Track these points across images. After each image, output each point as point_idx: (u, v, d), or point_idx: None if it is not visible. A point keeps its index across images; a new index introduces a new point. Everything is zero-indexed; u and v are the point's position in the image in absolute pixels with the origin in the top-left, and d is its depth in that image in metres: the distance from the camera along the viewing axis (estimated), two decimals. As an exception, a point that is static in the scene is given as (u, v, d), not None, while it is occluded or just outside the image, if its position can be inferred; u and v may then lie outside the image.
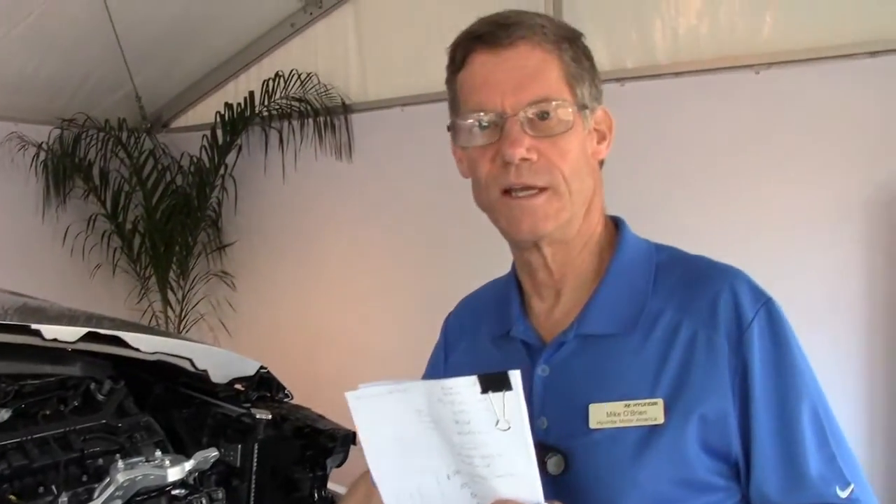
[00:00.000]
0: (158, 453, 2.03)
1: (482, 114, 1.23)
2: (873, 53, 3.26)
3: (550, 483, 1.17)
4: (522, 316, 1.36)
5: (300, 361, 4.59)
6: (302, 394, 2.76)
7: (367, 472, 1.51)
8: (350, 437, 2.36)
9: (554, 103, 1.21)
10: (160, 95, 5.58)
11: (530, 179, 1.21)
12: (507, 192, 1.23)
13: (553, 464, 1.20)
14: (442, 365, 1.52)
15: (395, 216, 4.70)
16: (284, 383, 2.61)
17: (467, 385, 1.11)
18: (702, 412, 1.17)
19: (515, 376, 1.09)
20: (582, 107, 1.25)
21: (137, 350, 2.24)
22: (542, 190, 1.22)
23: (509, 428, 1.10)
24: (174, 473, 1.96)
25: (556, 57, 1.24)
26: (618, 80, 3.78)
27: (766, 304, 1.22)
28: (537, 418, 1.24)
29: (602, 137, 1.32)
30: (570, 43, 1.26)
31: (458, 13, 1.31)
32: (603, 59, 3.89)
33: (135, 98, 5.24)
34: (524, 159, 1.20)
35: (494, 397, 1.10)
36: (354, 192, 4.88)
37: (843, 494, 1.17)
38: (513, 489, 1.11)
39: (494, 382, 1.10)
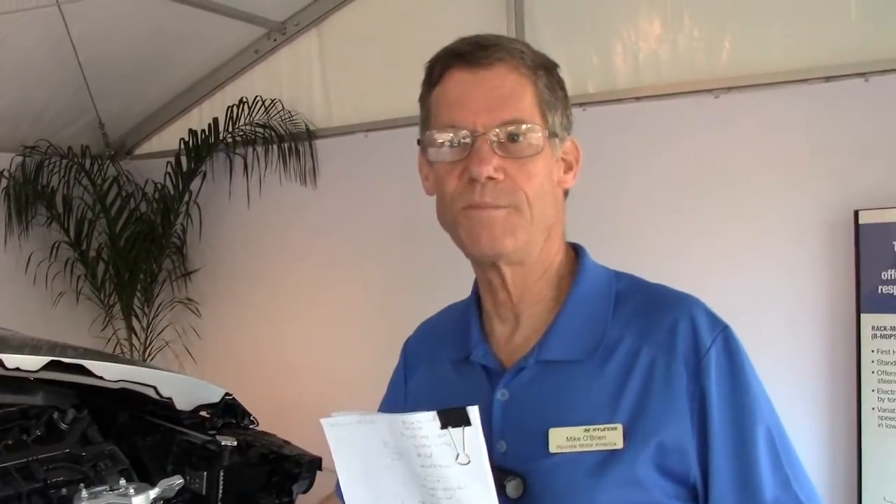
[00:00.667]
0: (123, 482, 2.02)
1: (454, 130, 1.23)
2: (828, 78, 3.33)
3: (510, 506, 1.19)
4: (482, 340, 1.36)
5: (266, 388, 4.56)
6: (268, 420, 2.75)
7: (331, 494, 1.52)
8: (316, 463, 2.36)
9: (525, 126, 1.22)
10: (124, 122, 5.55)
11: (494, 199, 1.22)
12: (468, 207, 1.24)
13: (512, 487, 1.20)
14: (402, 389, 1.53)
15: (361, 241, 4.70)
16: (250, 410, 2.61)
17: (427, 420, 1.13)
18: (660, 437, 1.18)
19: (474, 412, 1.11)
20: (552, 134, 1.26)
21: (101, 378, 2.23)
22: (504, 207, 1.23)
23: (469, 462, 1.12)
24: (139, 502, 1.95)
25: (532, 82, 1.25)
26: (580, 104, 3.81)
27: (724, 332, 1.24)
28: (496, 442, 1.25)
29: (569, 167, 1.33)
30: (546, 71, 1.28)
31: (421, 40, 1.33)
32: (565, 83, 3.92)
33: (98, 125, 5.22)
34: (490, 178, 1.21)
35: (454, 432, 1.12)
36: (319, 218, 4.87)
37: None
38: None
39: (454, 418, 1.12)
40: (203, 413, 2.51)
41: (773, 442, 1.21)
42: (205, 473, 2.32)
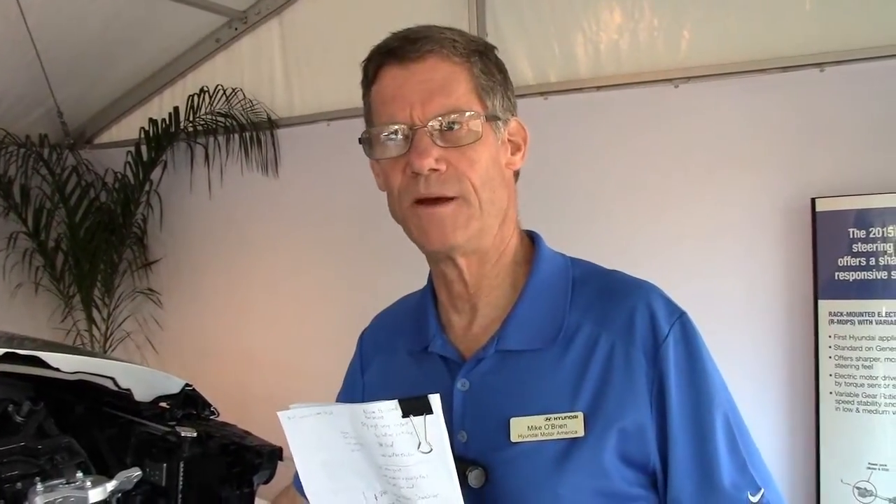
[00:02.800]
0: (80, 475, 1.99)
1: (393, 126, 1.23)
2: (784, 68, 3.38)
3: (473, 496, 1.18)
4: (440, 331, 1.36)
5: (227, 378, 4.55)
6: (228, 411, 2.73)
7: (289, 486, 1.52)
8: (277, 453, 2.35)
9: (462, 115, 1.22)
10: (83, 111, 5.50)
11: (439, 190, 1.22)
12: (417, 202, 1.24)
13: (474, 477, 1.20)
14: (359, 381, 1.52)
15: (322, 231, 4.69)
16: (212, 401, 2.59)
17: (388, 409, 1.12)
18: (621, 424, 1.19)
19: (435, 400, 1.11)
20: (493, 118, 1.26)
21: (58, 370, 2.20)
22: (452, 199, 1.23)
23: (431, 450, 1.12)
24: (95, 495, 1.93)
25: (466, 69, 1.25)
26: (541, 93, 3.84)
27: (681, 318, 1.24)
28: (457, 432, 1.25)
29: (517, 149, 1.33)
30: (480, 56, 1.27)
31: (382, 29, 1.32)
32: (527, 73, 3.95)
33: (56, 113, 5.15)
34: (433, 170, 1.21)
35: (416, 421, 1.11)
36: (281, 208, 4.86)
37: (755, 499, 1.20)
38: None
39: (415, 407, 1.11)
40: (162, 404, 2.48)
41: (729, 427, 1.22)
42: (164, 465, 2.30)
